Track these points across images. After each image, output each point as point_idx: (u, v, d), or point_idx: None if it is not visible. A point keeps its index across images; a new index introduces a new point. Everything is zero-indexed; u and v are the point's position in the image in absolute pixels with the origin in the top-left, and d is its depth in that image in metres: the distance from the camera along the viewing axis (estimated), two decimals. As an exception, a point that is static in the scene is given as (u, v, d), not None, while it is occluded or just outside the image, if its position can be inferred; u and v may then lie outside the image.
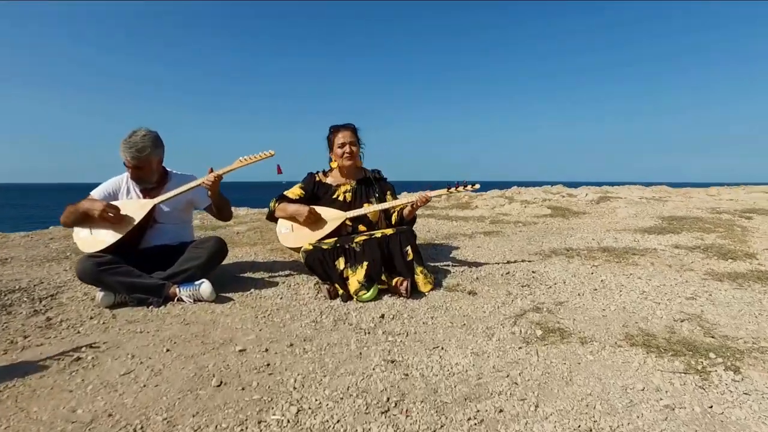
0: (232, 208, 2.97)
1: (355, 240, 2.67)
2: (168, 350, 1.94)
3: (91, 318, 2.31)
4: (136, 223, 2.59)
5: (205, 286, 2.53)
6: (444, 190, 2.86)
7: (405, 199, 2.87)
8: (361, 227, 2.93)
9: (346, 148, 2.91)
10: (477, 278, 2.89)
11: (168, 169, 2.88)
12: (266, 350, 1.94)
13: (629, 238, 4.06)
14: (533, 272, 3.02)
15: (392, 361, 1.80)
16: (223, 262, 3.29)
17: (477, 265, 3.23)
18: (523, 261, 3.34)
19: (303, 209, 2.77)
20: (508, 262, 3.30)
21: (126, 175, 2.84)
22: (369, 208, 2.85)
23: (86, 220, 2.56)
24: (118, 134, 2.71)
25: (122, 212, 2.60)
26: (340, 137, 2.93)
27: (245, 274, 3.11)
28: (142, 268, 2.59)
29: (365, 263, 2.56)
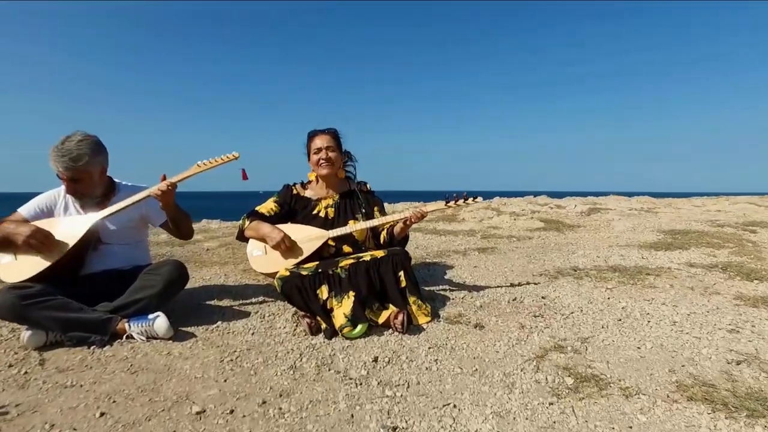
0: (203, 222, 2.55)
1: (340, 264, 2.27)
2: (103, 414, 1.51)
3: (10, 366, 1.84)
4: (71, 246, 2.14)
5: (160, 321, 2.09)
6: (442, 204, 2.48)
7: (397, 214, 2.48)
8: (346, 248, 2.53)
9: (322, 154, 2.52)
10: (481, 306, 2.51)
11: (116, 180, 2.44)
12: (231, 412, 1.52)
13: (636, 255, 3.76)
14: (543, 298, 2.66)
15: (394, 429, 1.40)
16: (188, 286, 2.84)
17: (477, 289, 2.86)
18: (528, 283, 2.98)
19: (275, 234, 2.35)
20: (512, 285, 2.94)
21: (65, 188, 2.39)
22: (355, 226, 2.45)
23: (9, 245, 2.10)
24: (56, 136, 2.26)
25: (56, 232, 2.15)
26: (317, 142, 2.54)
27: (212, 302, 2.67)
28: (83, 298, 2.15)
29: (352, 293, 2.16)
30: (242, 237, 2.51)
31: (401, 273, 2.30)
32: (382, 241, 2.61)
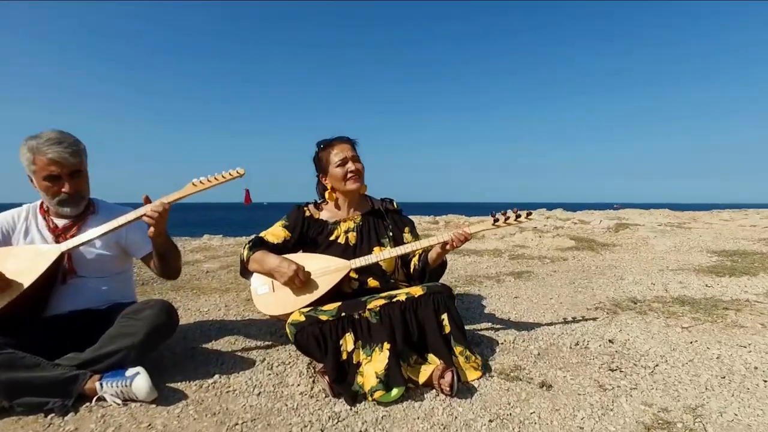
0: (204, 238, 2.15)
1: (368, 306, 1.80)
2: None
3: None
4: (27, 285, 1.68)
5: (140, 381, 1.63)
6: (488, 222, 2.00)
7: (432, 238, 2.00)
8: (372, 281, 2.06)
9: (350, 165, 2.05)
10: (539, 354, 2.03)
11: (92, 198, 2.00)
12: None
13: (698, 283, 3.27)
14: (611, 342, 2.17)
15: None
16: (182, 320, 2.39)
17: (527, 328, 2.38)
18: (585, 320, 2.49)
19: (285, 266, 1.86)
20: (566, 322, 2.45)
21: (27, 208, 1.94)
22: (382, 254, 1.98)
23: None
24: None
25: (11, 264, 1.70)
26: (338, 152, 2.07)
27: (209, 344, 2.20)
28: (45, 347, 1.70)
29: (386, 344, 1.69)
30: (246, 272, 2.04)
31: (444, 316, 1.83)
32: (412, 270, 2.14)
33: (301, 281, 1.85)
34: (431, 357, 1.78)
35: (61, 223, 1.92)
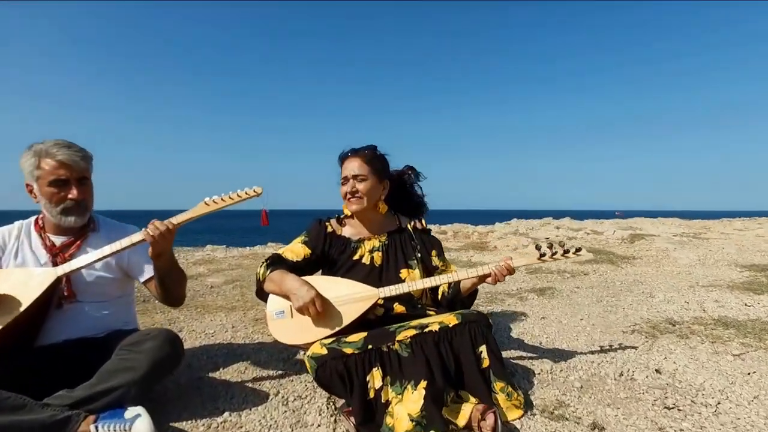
0: (207, 249, 1.99)
1: (398, 337, 1.61)
2: None
3: None
4: (18, 312, 1.50)
5: (141, 424, 1.43)
6: (533, 257, 1.81)
7: (472, 269, 1.81)
8: (398, 307, 1.87)
9: (348, 186, 1.88)
10: (581, 387, 1.83)
11: (92, 214, 1.82)
12: None
13: (735, 301, 3.07)
14: (658, 372, 1.97)
15: None
16: (187, 344, 2.22)
17: (563, 356, 2.18)
18: (622, 347, 2.29)
19: (303, 291, 1.66)
20: (605, 351, 2.25)
21: (20, 225, 1.77)
22: (415, 284, 1.78)
23: None
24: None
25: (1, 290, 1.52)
26: (343, 169, 1.91)
27: (216, 373, 2.01)
28: (35, 382, 1.52)
29: (422, 381, 1.49)
30: (262, 292, 1.85)
31: (482, 348, 1.64)
32: (441, 297, 1.96)
33: (315, 312, 1.66)
34: (469, 397, 1.58)
35: (59, 240, 1.74)
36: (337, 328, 1.70)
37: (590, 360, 2.10)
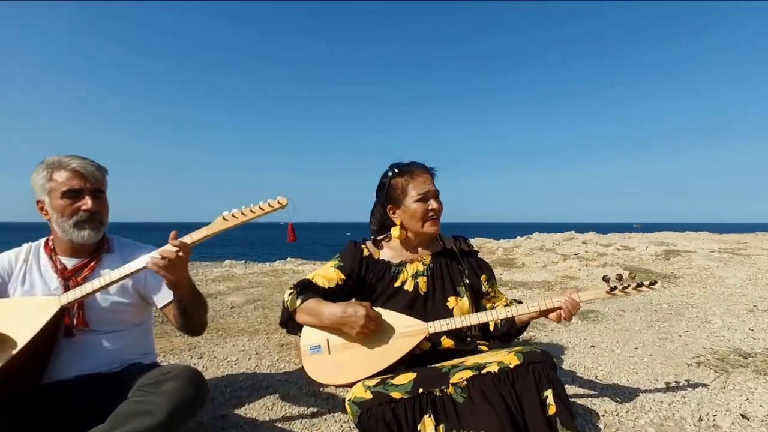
0: (226, 264, 1.92)
1: (452, 380, 1.39)
2: None
3: None
4: (20, 346, 1.33)
5: (158, 476, 1.25)
6: (602, 290, 1.59)
7: (531, 302, 1.60)
8: (446, 342, 1.66)
9: (432, 203, 1.67)
10: (657, 434, 1.60)
11: (106, 233, 1.66)
12: None
13: (806, 329, 2.78)
14: (744, 418, 1.72)
15: None
16: (208, 374, 2.04)
17: (625, 392, 1.94)
18: (692, 384, 2.03)
19: (352, 313, 1.46)
20: (670, 387, 2.00)
21: (28, 248, 1.61)
22: (469, 318, 1.57)
23: None
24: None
25: (2, 320, 1.36)
26: (418, 184, 1.68)
27: (240, 409, 1.82)
28: (43, 425, 1.36)
29: (482, 431, 1.28)
30: (291, 323, 1.65)
31: (548, 392, 1.41)
32: (493, 328, 1.75)
33: (375, 325, 1.46)
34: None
35: (71, 263, 1.58)
36: (382, 367, 1.49)
37: (658, 399, 1.86)
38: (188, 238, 1.41)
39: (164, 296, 1.63)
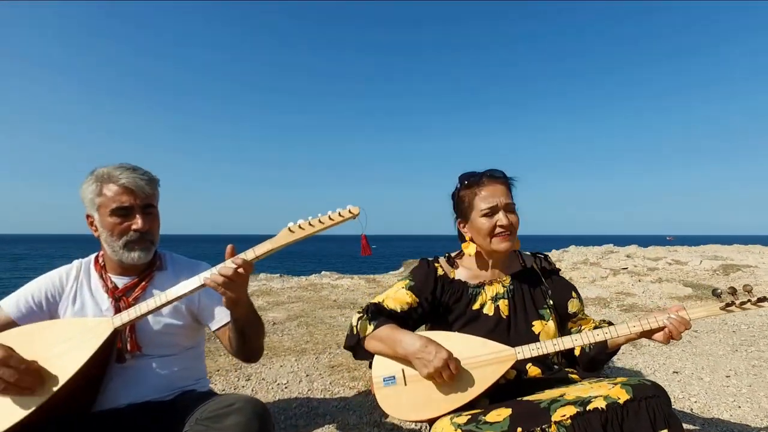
0: (261, 278, 1.81)
1: (554, 416, 1.20)
2: None
3: None
4: (77, 367, 1.21)
5: None
6: (714, 307, 1.37)
7: (637, 324, 1.39)
8: (532, 368, 1.47)
9: (501, 218, 1.48)
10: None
11: (158, 249, 1.55)
12: None
13: None
14: None
15: None
16: (259, 396, 1.87)
17: (733, 429, 1.69)
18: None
19: (431, 354, 1.28)
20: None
21: (78, 266, 1.51)
22: (562, 342, 1.38)
23: None
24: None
25: (50, 345, 1.24)
26: (487, 195, 1.50)
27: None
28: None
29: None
30: (358, 349, 1.48)
31: (665, 432, 1.21)
32: (579, 353, 1.54)
33: (450, 376, 1.29)
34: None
35: (121, 282, 1.46)
36: (467, 400, 1.31)
37: (774, 439, 1.61)
38: (250, 254, 1.27)
39: (219, 318, 1.50)
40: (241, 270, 1.23)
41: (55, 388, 1.19)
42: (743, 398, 1.98)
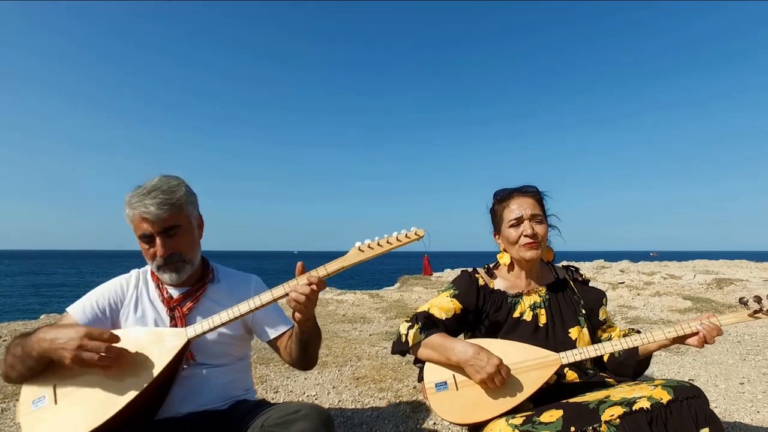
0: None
1: (603, 416, 1.27)
2: None
3: None
4: (154, 375, 1.26)
5: None
6: (743, 314, 1.47)
7: (671, 329, 1.48)
8: (570, 373, 1.55)
9: (525, 228, 1.58)
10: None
11: (210, 262, 1.60)
12: None
13: None
14: None
15: None
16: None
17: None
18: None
19: (484, 361, 1.35)
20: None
21: (137, 274, 1.55)
22: (603, 347, 1.46)
23: (49, 369, 1.25)
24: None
25: (129, 349, 1.29)
26: (514, 207, 1.61)
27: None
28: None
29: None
30: (408, 353, 1.55)
31: (705, 431, 1.29)
32: (608, 359, 1.63)
33: (501, 381, 1.36)
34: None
35: (176, 292, 1.51)
36: (516, 403, 1.38)
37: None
38: (322, 271, 1.32)
39: (275, 329, 1.55)
40: (314, 287, 1.29)
41: (140, 387, 1.23)
42: (760, 404, 2.08)
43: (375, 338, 3.48)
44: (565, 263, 1.82)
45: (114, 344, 1.22)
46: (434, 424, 1.91)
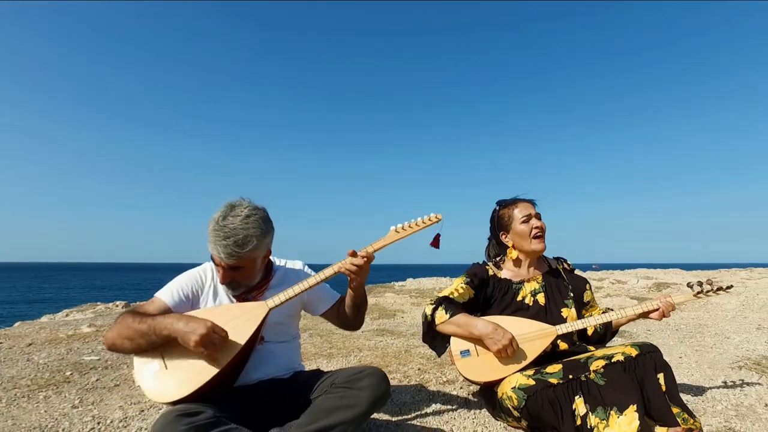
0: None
1: (591, 367, 1.71)
2: None
3: None
4: (242, 344, 1.56)
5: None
6: (690, 294, 1.98)
7: (639, 306, 1.97)
8: (561, 344, 1.98)
9: (535, 222, 2.04)
10: (736, 414, 1.94)
11: (272, 258, 1.91)
12: None
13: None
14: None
15: None
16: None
17: (693, 390, 2.28)
18: (745, 382, 2.39)
19: (500, 335, 1.79)
20: (728, 384, 2.35)
21: (211, 266, 1.83)
22: (590, 320, 1.93)
23: (163, 346, 1.53)
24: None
25: (225, 329, 1.58)
26: (524, 209, 2.06)
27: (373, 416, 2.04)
28: (236, 423, 1.53)
29: (631, 405, 1.58)
30: (438, 342, 1.96)
31: (660, 375, 1.75)
32: (591, 332, 2.09)
33: (513, 351, 1.78)
34: (656, 424, 1.67)
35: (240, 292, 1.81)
36: (523, 366, 1.79)
37: (723, 392, 2.21)
38: (370, 248, 1.69)
39: (326, 303, 1.88)
40: (365, 260, 1.66)
41: (229, 357, 1.53)
42: (694, 370, 2.60)
43: (368, 334, 3.82)
44: (555, 256, 2.26)
45: (220, 342, 1.49)
46: (446, 391, 2.28)
